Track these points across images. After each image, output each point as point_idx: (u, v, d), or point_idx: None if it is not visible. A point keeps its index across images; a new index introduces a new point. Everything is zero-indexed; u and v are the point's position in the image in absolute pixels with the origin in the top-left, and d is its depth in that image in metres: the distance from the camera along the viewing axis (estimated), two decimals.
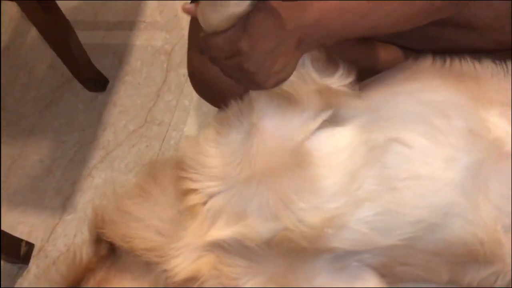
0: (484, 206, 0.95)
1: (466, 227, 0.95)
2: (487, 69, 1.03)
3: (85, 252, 1.02)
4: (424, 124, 0.92)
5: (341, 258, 1.00)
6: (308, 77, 0.89)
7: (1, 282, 1.30)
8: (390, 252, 1.00)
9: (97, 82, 1.55)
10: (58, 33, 1.41)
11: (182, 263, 0.93)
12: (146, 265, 0.95)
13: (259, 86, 0.83)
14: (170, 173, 0.99)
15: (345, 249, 0.93)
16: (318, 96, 0.91)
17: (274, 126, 0.94)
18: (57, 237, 1.34)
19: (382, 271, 1.05)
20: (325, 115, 0.90)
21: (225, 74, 0.84)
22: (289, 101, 0.90)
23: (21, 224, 1.34)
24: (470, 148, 0.93)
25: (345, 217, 0.88)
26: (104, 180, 1.38)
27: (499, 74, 1.03)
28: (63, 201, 1.39)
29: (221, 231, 0.92)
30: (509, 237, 0.98)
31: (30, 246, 1.31)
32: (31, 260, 1.31)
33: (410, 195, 0.90)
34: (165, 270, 0.93)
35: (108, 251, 0.99)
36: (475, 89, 1.01)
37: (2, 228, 1.23)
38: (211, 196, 0.91)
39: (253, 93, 0.92)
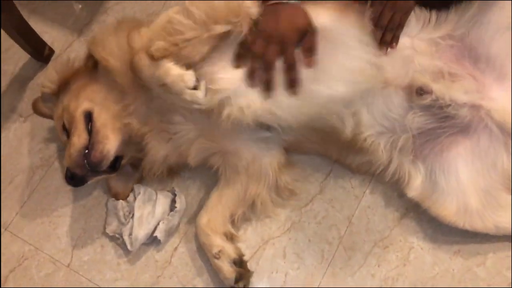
0: (364, 115, 1.37)
1: (346, 124, 1.37)
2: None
3: (78, 60, 1.45)
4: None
5: (260, 131, 1.44)
6: None
7: (28, 72, 1.75)
8: (299, 132, 1.43)
9: None
10: None
11: None
12: (113, 82, 1.37)
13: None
14: None
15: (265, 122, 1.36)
16: None
17: None
18: (72, 51, 1.78)
19: (294, 145, 1.51)
20: None
21: None
22: None
23: (46, 34, 1.77)
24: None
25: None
26: (115, 20, 1.76)
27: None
28: (82, 26, 1.81)
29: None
30: (379, 142, 1.41)
31: (51, 51, 1.76)
32: (50, 62, 1.77)
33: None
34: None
35: (93, 65, 1.42)
36: None
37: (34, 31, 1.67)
38: None
39: None
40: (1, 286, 1.50)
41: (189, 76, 1.19)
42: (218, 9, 1.23)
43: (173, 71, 1.20)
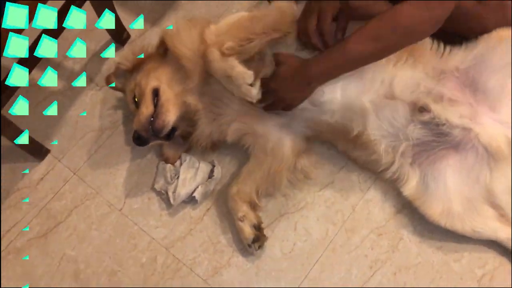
0: (371, 119, 1.62)
1: (353, 124, 1.63)
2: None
3: (151, 47, 1.78)
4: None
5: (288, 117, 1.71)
6: None
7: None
8: (314, 125, 1.71)
9: None
10: None
11: None
12: (181, 67, 1.67)
13: (291, 107, 1.57)
14: None
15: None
16: None
17: None
18: (144, 38, 2.11)
19: (312, 134, 1.76)
20: None
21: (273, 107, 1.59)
22: None
23: (125, 21, 2.07)
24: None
25: None
26: (184, 16, 2.09)
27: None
28: (155, 19, 2.13)
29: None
30: (381, 143, 1.65)
31: (128, 36, 2.10)
32: (125, 45, 2.11)
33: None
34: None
35: (164, 52, 1.74)
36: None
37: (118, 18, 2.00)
38: None
39: None
40: (65, 219, 1.85)
41: (249, 75, 1.49)
42: (278, 20, 1.56)
43: (238, 68, 1.50)
